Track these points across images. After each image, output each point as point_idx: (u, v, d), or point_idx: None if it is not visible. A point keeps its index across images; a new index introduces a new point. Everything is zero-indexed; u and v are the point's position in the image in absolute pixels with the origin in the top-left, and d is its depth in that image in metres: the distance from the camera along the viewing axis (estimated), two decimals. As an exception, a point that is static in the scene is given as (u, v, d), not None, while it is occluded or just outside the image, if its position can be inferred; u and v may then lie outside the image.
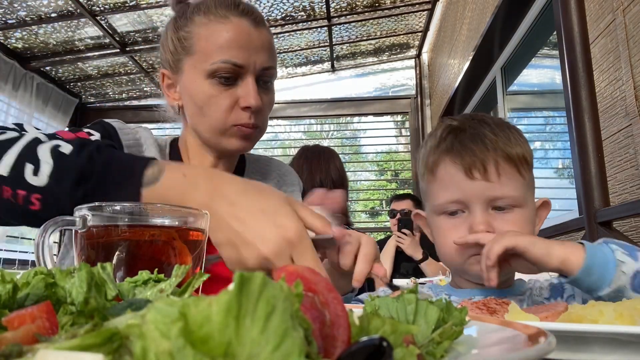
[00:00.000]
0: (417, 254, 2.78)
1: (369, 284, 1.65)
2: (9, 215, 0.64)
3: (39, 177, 0.61)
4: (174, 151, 1.02)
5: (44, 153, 0.62)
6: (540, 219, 0.86)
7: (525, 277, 0.89)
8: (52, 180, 0.61)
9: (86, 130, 0.88)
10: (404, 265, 2.95)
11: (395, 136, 5.28)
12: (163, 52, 0.98)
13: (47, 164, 0.61)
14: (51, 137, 0.70)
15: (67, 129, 0.84)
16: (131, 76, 4.68)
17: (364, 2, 4.10)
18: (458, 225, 0.81)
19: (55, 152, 0.63)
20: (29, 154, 0.62)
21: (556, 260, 0.69)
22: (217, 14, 0.91)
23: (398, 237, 2.83)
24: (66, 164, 0.62)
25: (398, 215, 2.92)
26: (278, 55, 4.62)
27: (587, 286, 0.69)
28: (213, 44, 0.89)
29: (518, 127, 0.88)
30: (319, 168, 2.07)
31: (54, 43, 4.01)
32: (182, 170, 0.63)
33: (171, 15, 0.99)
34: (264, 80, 0.93)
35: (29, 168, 0.61)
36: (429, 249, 2.75)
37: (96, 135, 0.87)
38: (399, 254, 2.91)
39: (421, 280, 2.28)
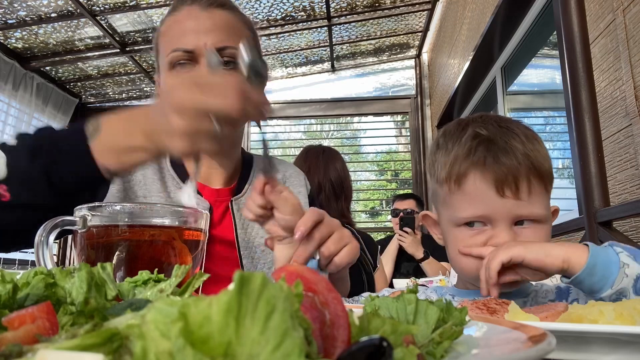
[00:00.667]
0: (418, 253, 2.78)
1: (369, 284, 1.65)
2: None
3: None
4: None
5: None
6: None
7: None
8: (10, 167, 0.65)
9: None
10: (405, 265, 2.95)
11: (395, 136, 5.28)
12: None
13: (0, 157, 0.66)
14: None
15: None
16: (131, 76, 4.67)
17: (364, 2, 4.10)
18: (477, 238, 0.78)
19: (4, 147, 0.68)
20: None
21: (557, 260, 0.68)
22: (174, 8, 0.95)
23: (400, 235, 2.84)
24: (17, 148, 0.67)
25: (400, 214, 2.93)
26: (278, 55, 4.62)
27: (589, 286, 0.68)
28: (168, 37, 0.92)
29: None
30: (318, 169, 2.05)
31: (54, 43, 4.01)
32: (117, 115, 0.68)
33: None
34: (225, 61, 0.90)
35: None
36: (430, 249, 2.75)
37: None
38: (400, 254, 2.91)
39: (422, 280, 2.28)
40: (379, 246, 2.39)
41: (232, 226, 0.97)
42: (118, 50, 4.13)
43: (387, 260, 2.86)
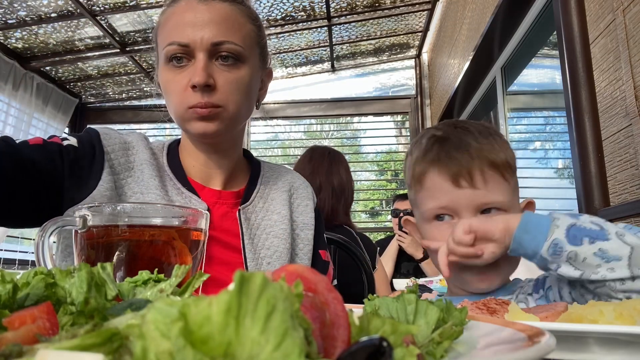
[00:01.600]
0: (418, 253, 2.78)
1: (369, 285, 1.65)
2: None
3: None
4: (172, 152, 1.00)
5: None
6: None
7: (522, 277, 0.90)
8: None
9: (62, 136, 0.89)
10: (405, 264, 2.95)
11: (395, 136, 5.28)
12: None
13: None
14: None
15: (66, 129, 0.86)
16: (131, 76, 4.67)
17: (364, 2, 4.10)
18: (446, 230, 0.82)
19: None
20: None
21: (500, 224, 0.73)
22: (173, 0, 0.92)
23: (399, 235, 2.84)
24: None
25: (400, 215, 2.93)
26: (278, 55, 4.61)
27: (527, 246, 0.71)
28: (166, 30, 0.90)
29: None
30: (319, 171, 2.05)
31: (54, 43, 4.01)
32: None
33: None
34: (222, 57, 0.88)
35: None
36: (430, 249, 2.74)
37: (71, 140, 0.88)
38: (400, 254, 2.92)
39: (421, 280, 2.28)
40: (379, 247, 2.39)
41: (239, 234, 0.96)
42: (118, 50, 4.13)
43: (387, 260, 2.86)
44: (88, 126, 0.95)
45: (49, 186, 0.82)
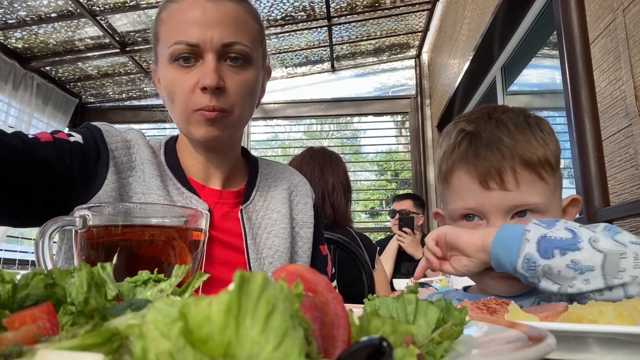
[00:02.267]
0: (418, 253, 2.78)
1: (369, 285, 1.65)
2: None
3: None
4: (170, 151, 0.98)
5: None
6: (570, 217, 0.83)
7: None
8: None
9: (67, 132, 0.86)
10: (405, 265, 2.95)
11: (395, 136, 5.28)
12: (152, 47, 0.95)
13: None
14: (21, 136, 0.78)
15: (67, 129, 0.84)
16: (131, 76, 4.67)
17: (364, 2, 4.10)
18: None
19: None
20: None
21: (475, 239, 0.70)
22: None
23: (399, 235, 2.85)
24: None
25: (397, 215, 2.93)
26: (278, 55, 4.61)
27: (504, 263, 0.68)
28: (170, 27, 0.86)
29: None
30: (331, 170, 2.05)
31: (54, 43, 4.01)
32: None
33: None
34: (231, 58, 0.85)
35: None
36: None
37: (76, 137, 0.85)
38: (400, 254, 2.92)
39: (422, 280, 2.28)
40: (379, 247, 2.39)
41: (241, 234, 0.95)
42: (118, 50, 4.13)
43: (386, 259, 2.87)
44: (86, 123, 0.93)
45: (61, 186, 0.80)
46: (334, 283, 1.15)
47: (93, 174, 0.85)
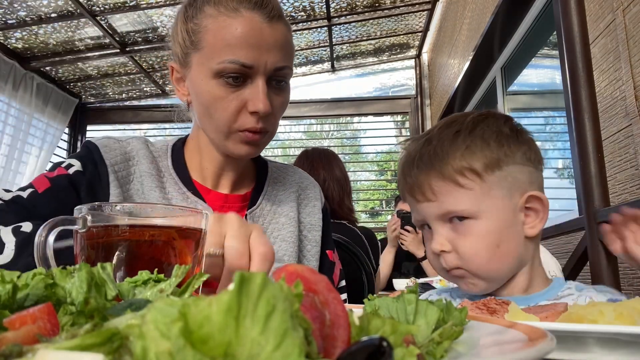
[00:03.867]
0: (419, 252, 2.78)
1: (369, 285, 1.65)
2: None
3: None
4: (177, 155, 0.97)
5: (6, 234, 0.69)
6: (535, 216, 0.80)
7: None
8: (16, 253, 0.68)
9: (65, 163, 0.86)
10: (405, 264, 2.95)
11: (396, 136, 5.28)
12: (173, 43, 0.92)
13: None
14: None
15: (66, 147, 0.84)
16: (131, 76, 4.68)
17: (364, 2, 4.10)
18: (428, 239, 0.87)
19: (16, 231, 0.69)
20: None
21: None
22: (228, 6, 0.83)
23: (400, 234, 2.84)
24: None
25: (394, 214, 2.94)
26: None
27: None
28: (221, 41, 0.82)
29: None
30: (304, 168, 2.06)
31: (54, 43, 4.02)
32: None
33: (183, 3, 0.92)
34: (278, 80, 0.86)
35: None
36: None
37: (75, 165, 0.86)
38: (400, 254, 2.91)
39: (421, 280, 2.28)
40: (380, 246, 2.40)
41: None
42: (118, 50, 4.13)
43: (384, 272, 2.86)
44: (87, 139, 0.93)
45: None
46: (344, 296, 1.09)
47: (100, 193, 0.86)
